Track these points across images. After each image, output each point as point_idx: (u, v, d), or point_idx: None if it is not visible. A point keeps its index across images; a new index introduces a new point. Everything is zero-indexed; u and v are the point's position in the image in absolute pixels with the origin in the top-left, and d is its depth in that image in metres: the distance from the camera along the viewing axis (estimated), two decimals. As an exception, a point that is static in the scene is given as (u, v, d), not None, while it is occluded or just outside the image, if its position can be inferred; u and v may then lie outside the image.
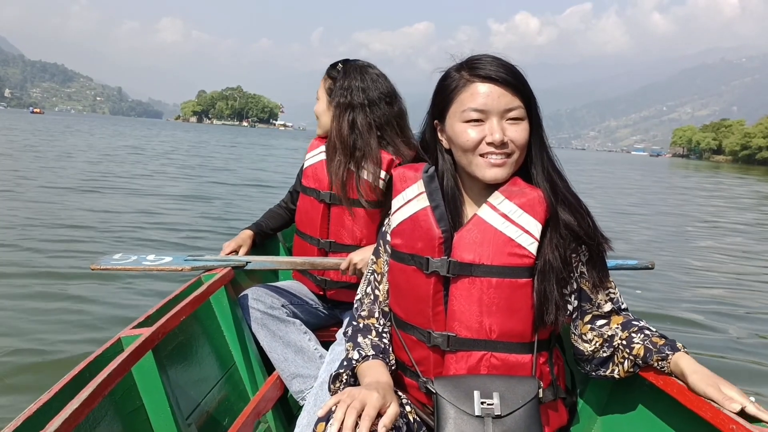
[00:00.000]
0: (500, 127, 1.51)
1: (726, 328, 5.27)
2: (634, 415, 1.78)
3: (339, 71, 2.57)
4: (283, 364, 2.43)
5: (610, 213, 13.98)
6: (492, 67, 1.52)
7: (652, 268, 2.80)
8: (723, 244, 10.23)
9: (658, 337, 1.58)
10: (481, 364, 1.55)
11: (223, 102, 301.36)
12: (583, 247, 1.59)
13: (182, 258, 2.52)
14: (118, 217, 8.81)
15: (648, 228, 11.83)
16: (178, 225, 8.58)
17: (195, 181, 14.93)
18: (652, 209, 15.79)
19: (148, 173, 16.14)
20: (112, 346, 1.75)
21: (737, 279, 7.47)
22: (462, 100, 1.55)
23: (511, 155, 1.55)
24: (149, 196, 11.38)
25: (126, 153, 23.84)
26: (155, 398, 1.83)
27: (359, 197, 2.47)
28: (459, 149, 1.58)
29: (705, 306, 6.00)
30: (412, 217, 1.64)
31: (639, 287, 6.38)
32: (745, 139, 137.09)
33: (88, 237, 7.28)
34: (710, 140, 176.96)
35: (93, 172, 15.01)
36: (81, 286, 5.22)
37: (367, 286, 1.82)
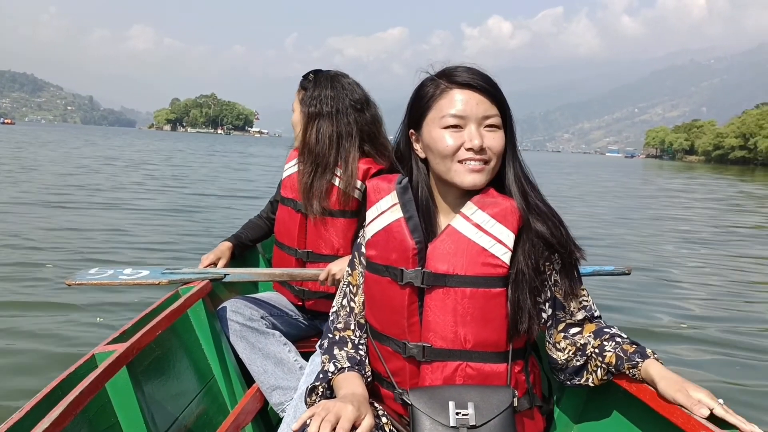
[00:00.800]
0: (479, 133, 1.52)
1: (700, 332, 5.31)
2: (609, 422, 1.79)
3: (310, 81, 2.58)
4: (262, 377, 2.40)
5: (612, 219, 13.80)
6: (470, 75, 1.54)
7: (629, 274, 2.83)
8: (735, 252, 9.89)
9: (629, 344, 1.59)
10: (457, 374, 1.55)
11: (198, 110, 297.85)
12: (555, 255, 1.60)
13: (159, 271, 2.49)
14: (92, 232, 8.48)
15: (653, 234, 11.68)
16: (156, 240, 8.26)
17: (173, 194, 14.36)
18: (651, 214, 15.66)
19: (122, 185, 15.59)
20: (85, 362, 1.73)
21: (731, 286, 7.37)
22: (440, 106, 1.55)
23: (489, 162, 1.55)
24: (125, 210, 10.94)
25: (99, 164, 23.12)
26: (130, 415, 1.80)
27: (330, 206, 2.47)
28: (437, 156, 1.57)
29: (684, 311, 6.02)
30: (386, 228, 1.64)
31: (618, 294, 6.40)
32: (718, 139, 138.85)
33: (63, 251, 7.05)
34: (682, 141, 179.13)
35: (62, 185, 14.47)
36: (55, 302, 5.08)
37: (342, 298, 1.81)
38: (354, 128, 2.51)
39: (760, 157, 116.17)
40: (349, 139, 2.50)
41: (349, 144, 2.50)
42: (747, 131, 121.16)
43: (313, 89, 2.55)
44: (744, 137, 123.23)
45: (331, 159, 2.49)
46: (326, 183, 2.48)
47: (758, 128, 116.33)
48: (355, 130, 2.51)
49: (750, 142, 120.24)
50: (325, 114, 2.50)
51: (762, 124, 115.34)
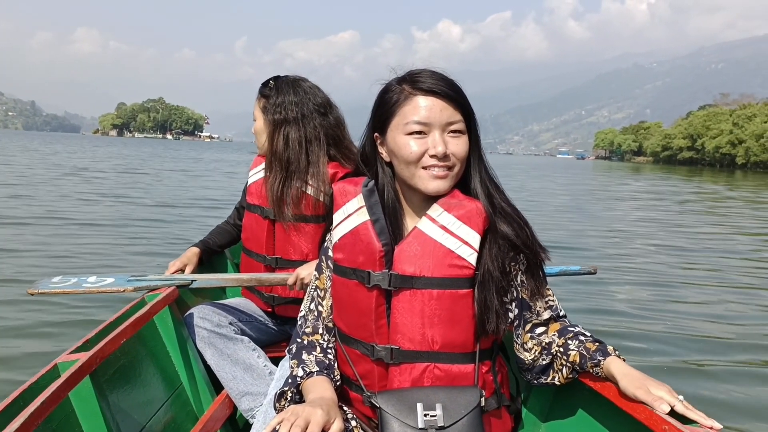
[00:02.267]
0: (442, 140, 1.52)
1: (659, 328, 5.37)
2: (575, 420, 1.81)
3: (271, 89, 2.55)
4: (231, 383, 2.36)
5: (601, 225, 13.30)
6: (433, 81, 1.53)
7: (594, 273, 2.87)
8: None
9: (592, 342, 1.60)
10: (425, 375, 1.55)
11: (145, 114, 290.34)
12: (521, 255, 1.61)
13: (125, 278, 2.42)
14: (52, 246, 7.96)
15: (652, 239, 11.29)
16: (117, 251, 7.84)
17: (126, 204, 13.26)
18: (643, 217, 15.23)
19: (66, 195, 14.43)
20: (47, 372, 1.69)
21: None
22: (404, 112, 1.54)
23: (453, 168, 1.56)
24: (73, 224, 10.01)
25: (49, 173, 21.24)
26: (95, 424, 1.76)
27: (300, 212, 2.45)
28: (401, 162, 1.57)
29: (646, 307, 6.10)
30: (352, 231, 1.63)
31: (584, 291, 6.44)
32: (666, 140, 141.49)
33: (20, 263, 6.78)
34: (630, 142, 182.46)
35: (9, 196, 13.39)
36: (16, 312, 4.94)
37: (310, 303, 1.80)
38: (320, 132, 2.50)
39: (708, 157, 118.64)
40: (317, 143, 2.49)
41: (317, 148, 2.48)
42: (694, 132, 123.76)
43: (275, 96, 2.52)
44: (691, 138, 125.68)
45: (302, 164, 2.46)
46: (296, 189, 2.46)
47: (705, 129, 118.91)
48: (321, 134, 2.50)
49: (697, 143, 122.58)
50: (291, 120, 2.48)
51: (709, 125, 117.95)
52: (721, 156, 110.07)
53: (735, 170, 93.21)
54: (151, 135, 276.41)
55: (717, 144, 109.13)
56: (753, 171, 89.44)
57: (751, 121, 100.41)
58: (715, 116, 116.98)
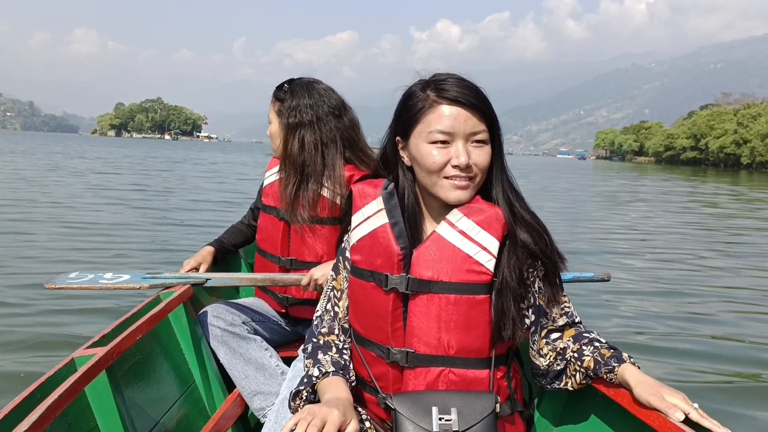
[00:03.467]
0: (465, 150, 1.51)
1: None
2: (587, 426, 1.81)
3: (286, 92, 2.55)
4: (243, 382, 2.37)
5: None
6: (459, 90, 1.52)
7: (608, 280, 2.84)
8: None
9: (607, 348, 1.60)
10: (440, 379, 1.55)
11: (143, 114, 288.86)
12: (539, 263, 1.61)
13: (140, 276, 2.44)
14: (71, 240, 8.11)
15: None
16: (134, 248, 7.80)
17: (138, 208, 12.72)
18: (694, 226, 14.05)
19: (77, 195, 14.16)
20: (65, 366, 1.70)
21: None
22: (428, 121, 1.53)
23: (474, 178, 1.55)
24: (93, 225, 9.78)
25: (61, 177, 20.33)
26: (109, 419, 1.78)
27: (315, 214, 2.46)
28: (423, 170, 1.56)
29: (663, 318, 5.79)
30: (371, 233, 1.63)
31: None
32: (669, 140, 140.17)
33: (45, 258, 6.85)
34: (632, 142, 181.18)
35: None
36: (35, 307, 4.99)
37: (326, 303, 1.79)
38: (336, 135, 2.50)
39: (711, 157, 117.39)
40: (333, 145, 2.49)
41: (334, 151, 2.49)
42: (698, 132, 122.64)
43: (290, 100, 2.51)
44: (695, 138, 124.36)
45: (318, 167, 2.47)
46: (312, 192, 2.46)
47: (709, 129, 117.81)
48: (337, 136, 2.50)
49: (701, 143, 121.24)
50: (306, 123, 2.48)
51: (713, 125, 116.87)
52: (725, 156, 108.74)
53: (740, 170, 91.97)
54: (150, 135, 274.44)
55: (721, 144, 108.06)
56: (759, 171, 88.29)
57: (756, 121, 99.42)
58: (719, 116, 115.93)
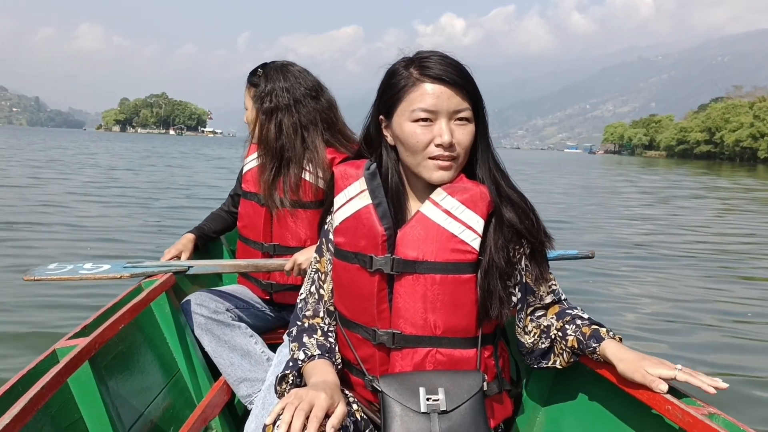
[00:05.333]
0: (448, 129, 1.53)
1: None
2: (576, 403, 1.84)
3: (260, 76, 2.55)
4: (229, 369, 2.40)
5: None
6: (442, 67, 1.53)
7: (592, 257, 2.89)
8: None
9: (588, 326, 1.63)
10: (427, 360, 1.58)
11: (148, 109, 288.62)
12: (524, 241, 1.64)
13: (121, 265, 2.44)
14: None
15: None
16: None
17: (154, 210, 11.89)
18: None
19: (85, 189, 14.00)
20: (46, 358, 1.70)
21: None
22: (411, 99, 1.54)
23: (457, 158, 1.57)
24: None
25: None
26: (94, 410, 1.78)
27: (297, 198, 2.47)
28: (407, 149, 1.58)
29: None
30: (354, 215, 1.64)
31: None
32: (681, 134, 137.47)
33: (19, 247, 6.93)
34: (642, 136, 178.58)
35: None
36: (12, 299, 5.02)
37: (311, 285, 1.81)
38: (316, 116, 2.50)
39: (727, 151, 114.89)
40: (312, 127, 2.50)
41: (314, 133, 2.49)
42: (712, 125, 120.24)
43: (265, 84, 2.52)
44: (709, 131, 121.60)
45: (298, 150, 2.48)
46: (294, 176, 2.47)
47: (724, 122, 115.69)
48: (318, 118, 2.51)
49: (716, 137, 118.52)
50: (283, 107, 2.48)
51: (728, 118, 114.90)
52: (741, 150, 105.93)
53: (757, 164, 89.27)
54: (155, 130, 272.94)
55: (737, 137, 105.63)
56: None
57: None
58: (734, 109, 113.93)
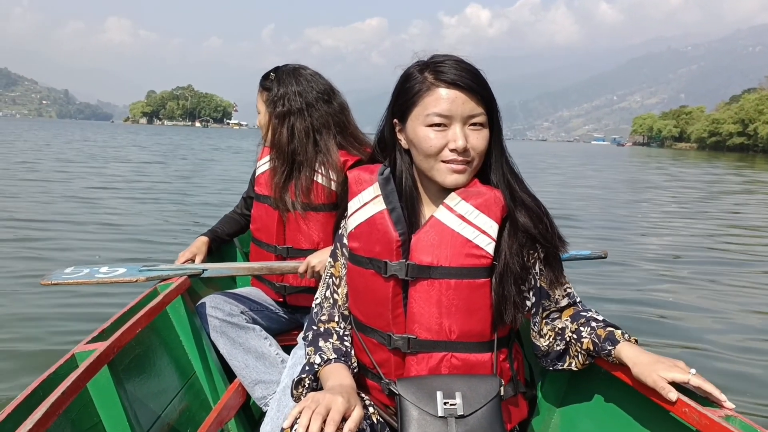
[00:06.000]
0: (463, 134, 1.54)
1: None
2: (591, 405, 1.85)
3: (272, 80, 2.59)
4: (244, 371, 2.44)
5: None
6: (457, 72, 1.53)
7: (605, 258, 2.90)
8: None
9: (603, 328, 1.66)
10: (442, 364, 1.60)
11: (174, 102, 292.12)
12: (538, 245, 1.66)
13: (136, 269, 2.48)
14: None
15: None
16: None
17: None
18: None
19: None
20: (66, 362, 1.73)
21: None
22: (426, 104, 1.55)
23: (472, 162, 1.58)
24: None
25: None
26: (113, 414, 1.81)
27: (309, 201, 2.51)
28: (420, 153, 1.60)
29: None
30: (368, 220, 1.66)
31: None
32: (713, 126, 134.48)
33: (37, 250, 6.95)
34: (671, 128, 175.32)
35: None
36: (31, 303, 5.07)
37: (326, 290, 1.84)
38: (329, 120, 2.54)
39: (761, 143, 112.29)
40: (325, 131, 2.53)
41: (327, 136, 2.53)
42: (746, 117, 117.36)
43: (277, 88, 2.55)
44: (743, 123, 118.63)
45: (310, 154, 2.51)
46: (306, 178, 2.51)
47: (758, 114, 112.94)
48: (331, 122, 2.54)
49: (749, 128, 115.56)
50: (295, 111, 2.51)
51: (762, 109, 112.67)
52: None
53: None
54: (180, 123, 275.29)
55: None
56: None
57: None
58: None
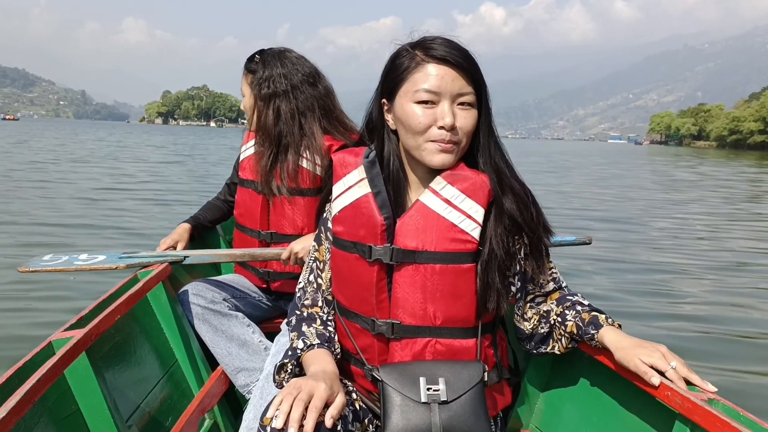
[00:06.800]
0: (451, 111, 1.53)
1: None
2: (575, 389, 1.86)
3: (257, 63, 2.59)
4: (227, 359, 2.44)
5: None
6: (447, 49, 1.53)
7: (589, 243, 2.93)
8: None
9: (588, 312, 1.67)
10: (426, 350, 1.60)
11: (189, 102, 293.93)
12: (524, 232, 1.68)
13: (116, 256, 2.46)
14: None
15: None
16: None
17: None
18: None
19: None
20: (42, 350, 1.71)
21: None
22: (415, 80, 1.55)
23: (459, 143, 1.58)
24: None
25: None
26: (91, 402, 1.80)
27: (294, 185, 2.51)
28: (408, 131, 1.58)
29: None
30: (353, 204, 1.66)
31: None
32: (734, 124, 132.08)
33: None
34: (690, 126, 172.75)
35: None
36: (7, 291, 5.08)
37: (309, 274, 1.83)
38: (314, 103, 2.54)
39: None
40: (310, 114, 2.53)
41: (312, 119, 2.53)
42: (767, 115, 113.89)
43: (262, 70, 2.56)
44: (764, 121, 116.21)
45: (296, 136, 2.52)
46: (292, 162, 2.51)
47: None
48: (315, 105, 2.54)
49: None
50: (280, 93, 2.51)
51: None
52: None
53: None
54: (195, 123, 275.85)
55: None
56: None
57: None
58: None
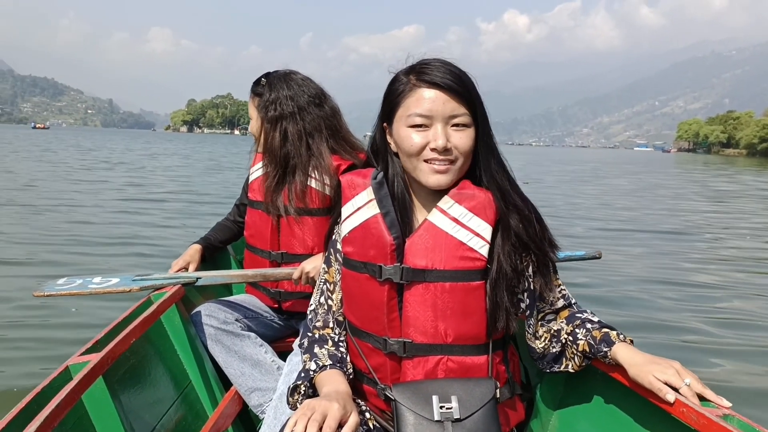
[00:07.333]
0: (444, 133, 1.57)
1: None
2: (589, 406, 1.87)
3: (264, 86, 2.64)
4: (240, 379, 2.47)
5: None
6: (439, 73, 1.57)
7: (599, 258, 2.92)
8: None
9: (598, 329, 1.69)
10: (438, 368, 1.63)
11: (214, 110, 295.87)
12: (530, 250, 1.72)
13: (130, 278, 2.50)
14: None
15: None
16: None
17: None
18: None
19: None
20: (60, 374, 1.73)
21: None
22: (408, 104, 1.60)
23: (455, 162, 1.61)
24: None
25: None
26: (108, 425, 1.82)
27: (303, 205, 2.54)
28: (404, 154, 1.64)
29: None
30: (362, 224, 1.69)
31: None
32: (765, 131, 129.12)
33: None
34: (719, 133, 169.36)
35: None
36: (23, 315, 5.08)
37: (320, 296, 1.87)
38: (321, 123, 2.58)
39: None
40: (317, 134, 2.57)
41: (319, 139, 2.57)
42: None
43: (269, 93, 2.60)
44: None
45: (304, 157, 2.55)
46: (300, 183, 2.55)
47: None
48: (322, 125, 2.58)
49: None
50: (287, 115, 2.56)
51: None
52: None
53: None
54: (219, 131, 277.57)
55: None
56: None
57: None
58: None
